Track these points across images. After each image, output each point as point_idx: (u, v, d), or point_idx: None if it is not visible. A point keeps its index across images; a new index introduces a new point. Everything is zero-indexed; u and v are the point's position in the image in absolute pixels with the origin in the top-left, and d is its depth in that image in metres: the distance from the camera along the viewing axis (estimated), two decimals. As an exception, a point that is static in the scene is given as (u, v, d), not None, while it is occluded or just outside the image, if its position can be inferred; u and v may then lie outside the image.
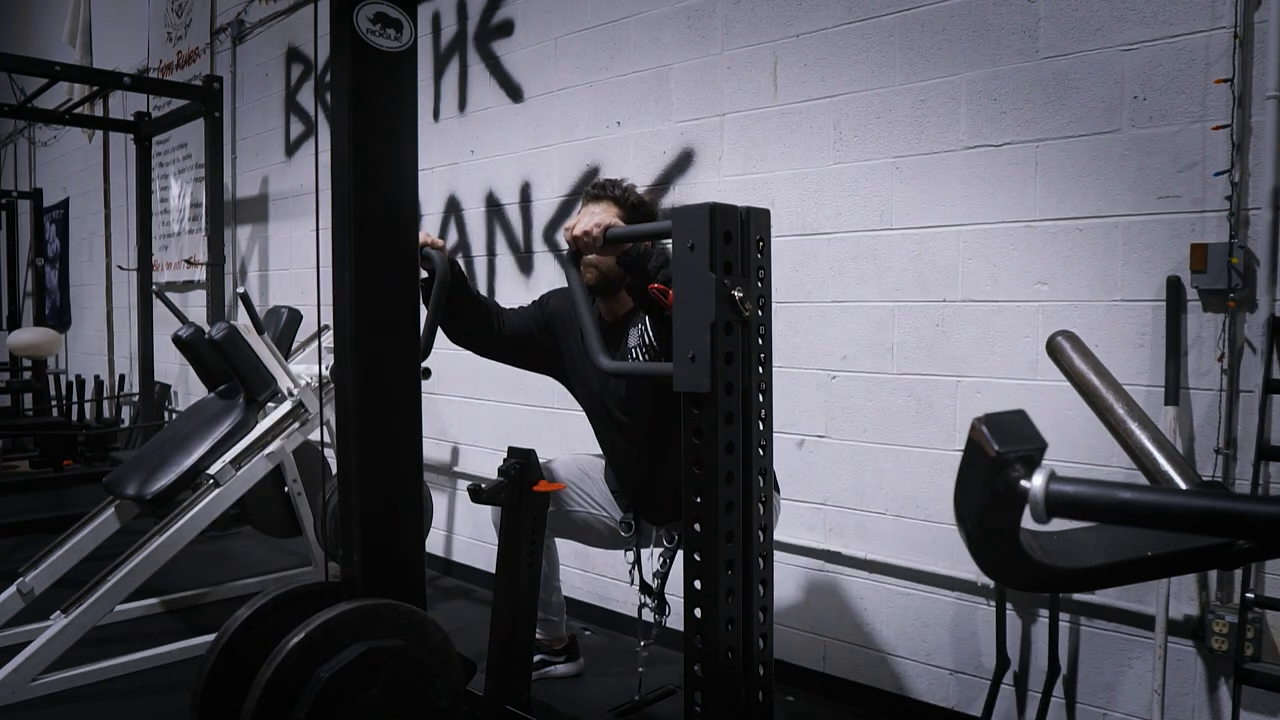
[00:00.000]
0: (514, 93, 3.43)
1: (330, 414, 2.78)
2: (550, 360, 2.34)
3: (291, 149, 4.68)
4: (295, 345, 3.46)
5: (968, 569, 2.32)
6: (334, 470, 1.92)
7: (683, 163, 2.88)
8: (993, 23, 2.24)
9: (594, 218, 1.85)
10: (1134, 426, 1.12)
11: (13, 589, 2.74)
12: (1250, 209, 1.94)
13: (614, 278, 2.14)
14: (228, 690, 1.33)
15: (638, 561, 2.26)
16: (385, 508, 1.67)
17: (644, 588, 2.23)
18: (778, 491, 2.11)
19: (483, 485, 2.02)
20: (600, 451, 2.38)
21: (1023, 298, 2.22)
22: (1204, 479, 1.17)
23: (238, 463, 2.84)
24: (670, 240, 1.50)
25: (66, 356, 7.49)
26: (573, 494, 2.34)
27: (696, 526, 1.49)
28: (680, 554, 2.13)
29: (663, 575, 2.19)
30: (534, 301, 2.41)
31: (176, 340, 3.16)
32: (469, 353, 2.35)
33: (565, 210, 3.24)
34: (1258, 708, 1.96)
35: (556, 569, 2.55)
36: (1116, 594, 2.13)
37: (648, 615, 2.20)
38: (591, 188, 2.23)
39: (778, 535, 1.76)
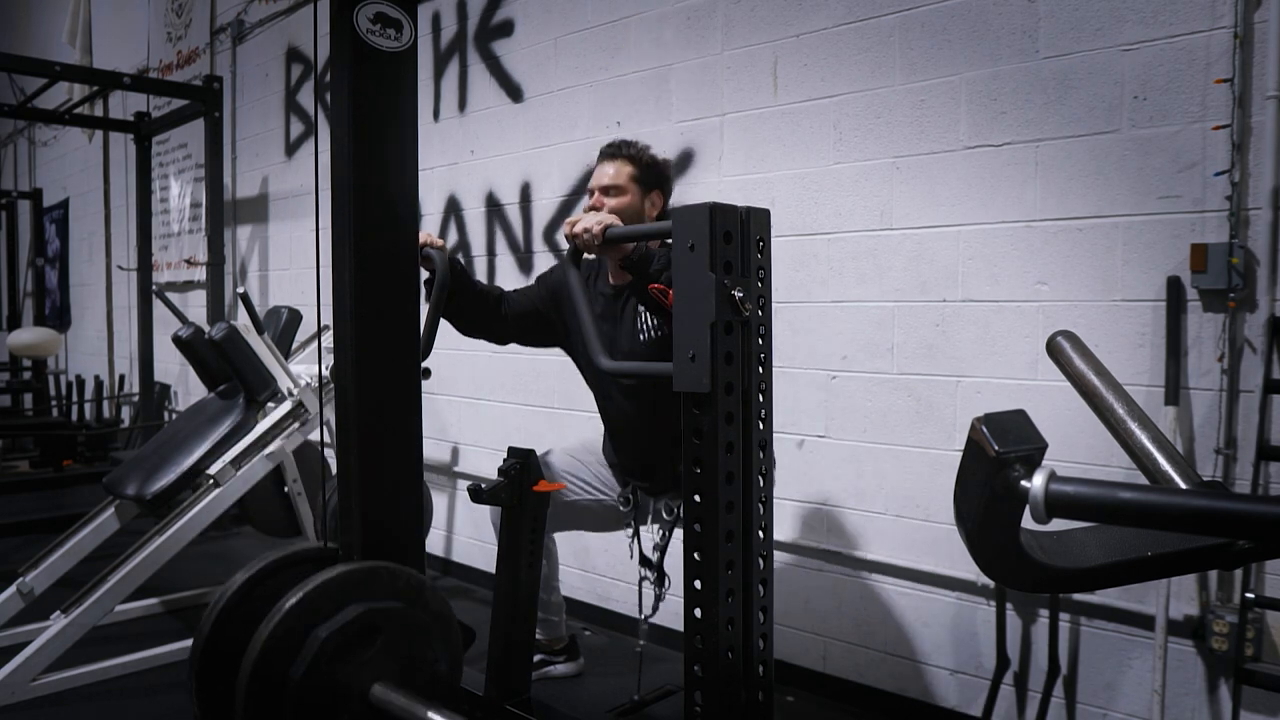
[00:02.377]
0: (514, 93, 3.43)
1: (330, 414, 2.78)
2: (556, 332, 2.36)
3: (291, 149, 4.68)
4: (295, 345, 3.46)
5: (968, 569, 2.32)
6: (334, 470, 1.92)
7: (683, 163, 2.88)
8: (993, 23, 2.24)
9: (594, 216, 1.85)
10: (1134, 426, 1.12)
11: (13, 589, 2.74)
12: (1250, 209, 1.94)
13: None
14: (226, 653, 1.31)
15: (636, 535, 2.26)
16: (385, 508, 1.67)
17: (643, 561, 2.24)
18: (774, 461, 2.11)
19: (483, 485, 2.02)
20: (593, 439, 2.39)
21: (1023, 298, 2.22)
22: (1204, 479, 1.17)
23: (238, 463, 2.84)
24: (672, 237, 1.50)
25: (66, 356, 7.49)
26: (570, 482, 2.35)
27: (696, 527, 1.49)
28: (679, 529, 2.15)
29: (662, 548, 2.20)
30: (538, 278, 2.44)
31: (176, 340, 3.16)
32: (469, 353, 2.35)
33: (565, 210, 3.24)
34: (1258, 708, 1.96)
35: (556, 569, 2.55)
36: (1116, 594, 2.13)
37: (648, 589, 2.21)
38: (606, 147, 2.25)
39: (778, 535, 1.76)
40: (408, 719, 1.24)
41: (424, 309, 1.91)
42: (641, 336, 2.16)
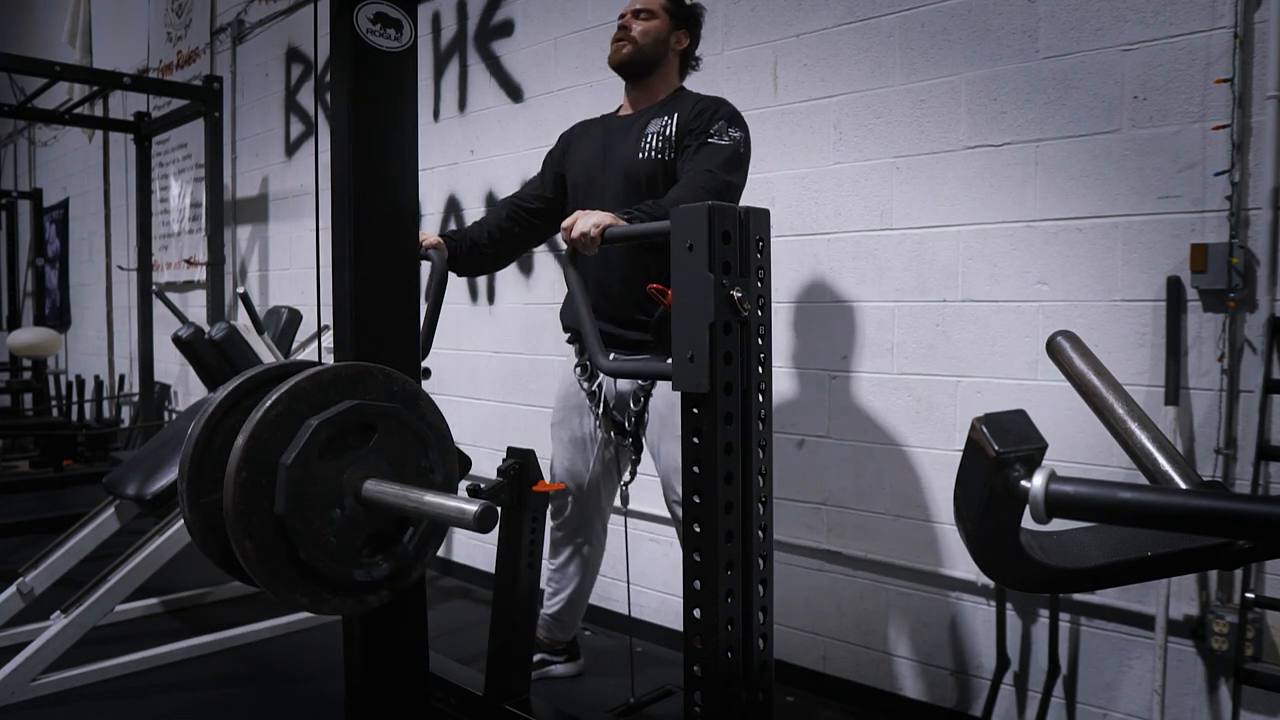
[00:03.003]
0: (514, 93, 3.43)
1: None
2: (565, 187, 2.39)
3: (291, 149, 4.68)
4: (295, 345, 3.46)
5: (968, 569, 2.32)
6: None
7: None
8: (993, 23, 2.24)
9: (590, 219, 1.84)
10: (1134, 426, 1.12)
11: (13, 589, 2.74)
12: (1250, 209, 1.94)
13: (651, 55, 2.25)
14: (218, 461, 1.29)
15: (601, 405, 2.28)
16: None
17: (615, 426, 2.27)
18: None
19: (482, 485, 2.02)
20: (556, 397, 2.45)
21: (1023, 298, 2.22)
22: (1204, 479, 1.17)
23: (238, 463, 2.84)
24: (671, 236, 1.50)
25: (66, 356, 7.49)
26: (570, 463, 2.40)
27: (696, 527, 1.49)
28: (653, 391, 2.20)
29: (637, 414, 2.23)
30: (547, 154, 2.46)
31: (176, 340, 3.15)
32: (469, 353, 2.37)
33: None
34: (1258, 708, 1.96)
35: (596, 573, 2.57)
36: (1116, 594, 2.13)
37: (625, 457, 2.30)
38: None
39: (778, 535, 1.76)
40: (401, 502, 1.22)
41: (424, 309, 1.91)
42: (640, 155, 2.18)
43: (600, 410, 2.28)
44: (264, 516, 1.20)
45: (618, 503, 2.34)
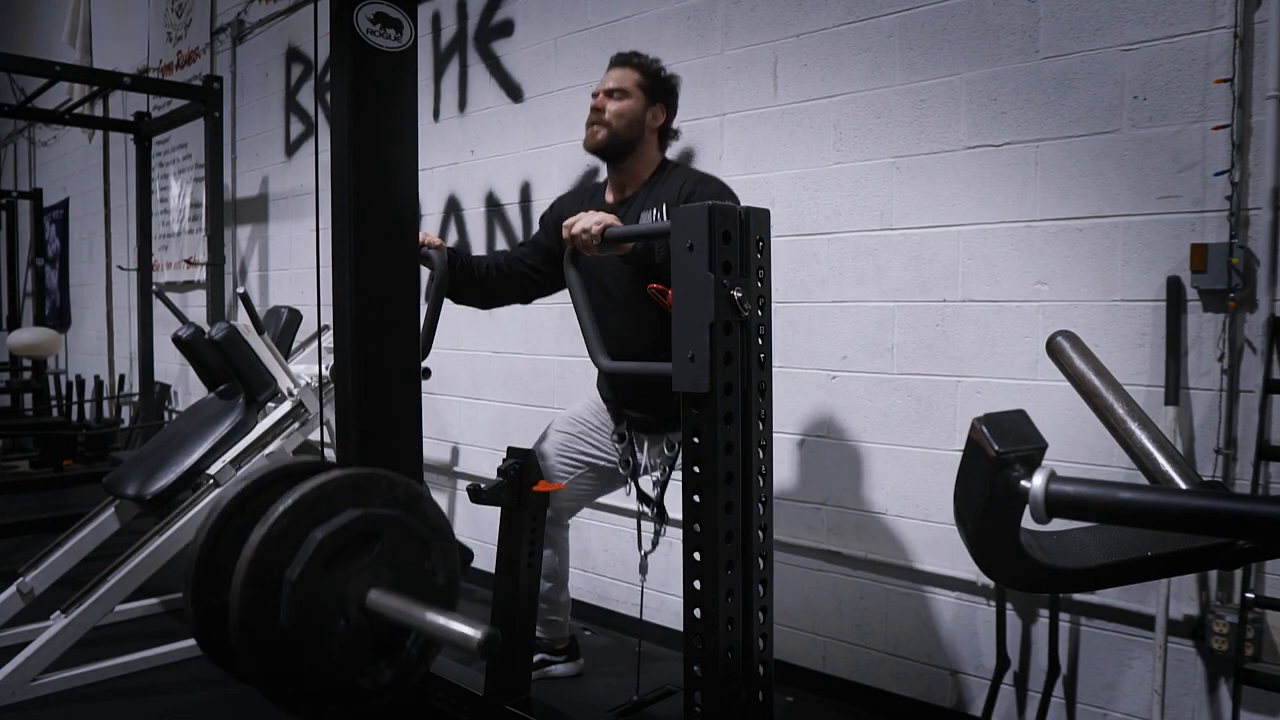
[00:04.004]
0: (514, 93, 3.43)
1: (330, 414, 2.78)
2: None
3: (291, 149, 4.68)
4: (295, 345, 3.45)
5: (968, 569, 2.32)
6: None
7: (683, 162, 2.88)
8: (993, 23, 2.24)
9: (592, 216, 1.84)
10: (1134, 426, 1.12)
11: (13, 589, 2.73)
12: (1250, 209, 1.94)
13: (626, 138, 2.16)
14: (222, 565, 1.30)
15: (633, 474, 2.24)
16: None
17: (642, 497, 2.22)
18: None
19: (482, 485, 2.02)
20: (580, 407, 2.41)
21: (1023, 298, 2.22)
22: (1204, 479, 1.17)
23: (238, 463, 2.84)
24: (671, 237, 1.50)
25: (66, 356, 7.49)
26: (567, 462, 2.35)
27: (696, 527, 1.49)
28: (679, 469, 2.15)
29: (662, 484, 2.18)
30: (541, 218, 2.43)
31: (176, 340, 3.16)
32: (469, 353, 2.37)
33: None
34: (1258, 708, 1.96)
35: (568, 563, 2.54)
36: (1116, 594, 2.13)
37: (647, 526, 2.21)
38: (617, 55, 2.23)
39: (777, 535, 1.76)
40: (406, 619, 1.23)
41: (424, 309, 1.91)
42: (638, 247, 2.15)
43: (632, 479, 2.24)
44: (269, 630, 1.20)
45: (631, 609, 2.29)
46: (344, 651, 1.26)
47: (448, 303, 2.17)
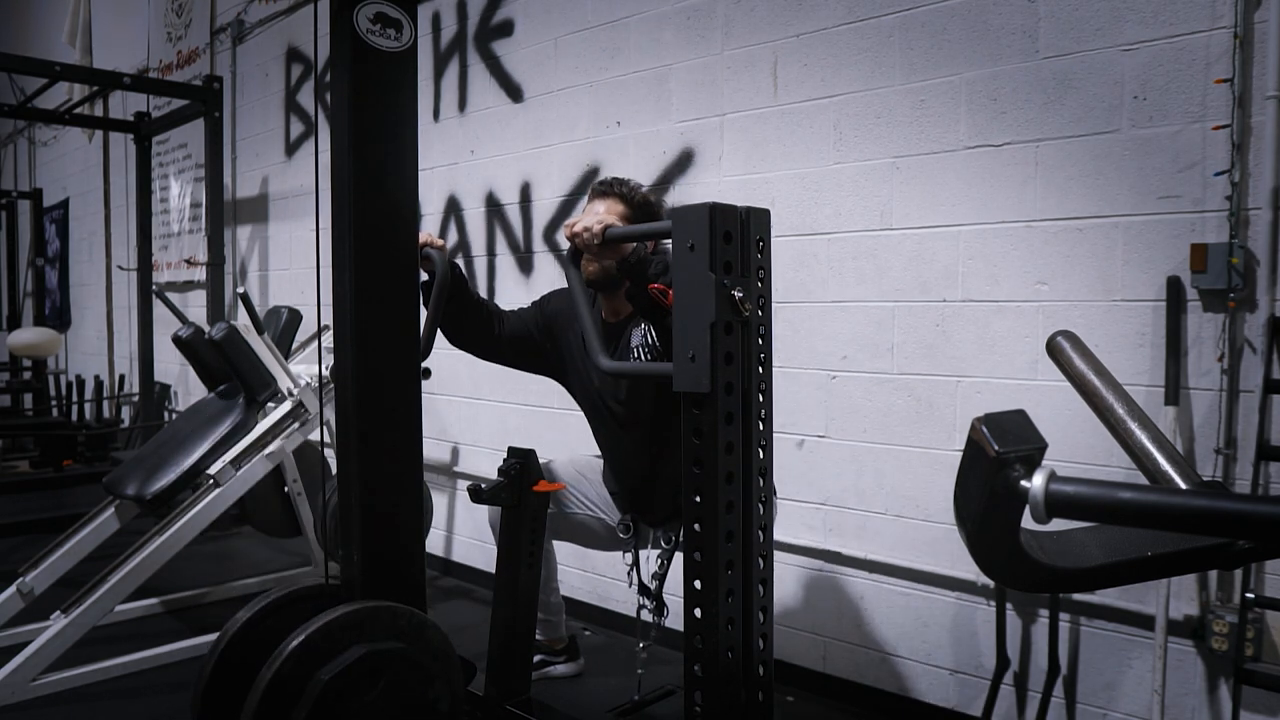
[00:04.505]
0: (514, 93, 3.43)
1: (330, 414, 2.78)
2: (549, 362, 2.33)
3: (291, 149, 4.68)
4: (295, 345, 3.46)
5: (968, 569, 2.32)
6: (334, 470, 1.92)
7: (683, 163, 2.88)
8: (993, 23, 2.24)
9: (595, 215, 1.84)
10: (1134, 426, 1.12)
11: (13, 589, 2.74)
12: (1250, 209, 1.93)
13: (616, 274, 2.11)
14: (228, 692, 1.32)
15: (636, 564, 2.25)
16: (385, 508, 1.67)
17: (642, 589, 2.23)
18: (774, 494, 2.11)
19: (483, 485, 2.02)
20: (599, 453, 2.38)
21: (1023, 298, 2.22)
22: (1204, 479, 1.17)
23: (238, 463, 2.84)
24: (670, 242, 1.50)
25: (66, 356, 7.49)
26: (571, 495, 2.34)
27: (696, 526, 1.49)
28: (679, 555, 2.13)
29: (661, 576, 2.19)
30: (534, 303, 2.40)
31: (176, 340, 3.16)
32: (469, 353, 2.35)
33: (565, 210, 3.24)
34: (1258, 708, 1.96)
35: (555, 571, 2.55)
36: (1116, 594, 2.13)
37: (646, 616, 2.20)
38: (598, 184, 2.21)
39: (778, 535, 1.76)
40: None
41: (424, 309, 1.91)
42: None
43: (634, 569, 2.24)
44: None
45: (631, 609, 2.28)
46: None
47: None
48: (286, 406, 3.00)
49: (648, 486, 2.20)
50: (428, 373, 1.80)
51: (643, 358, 2.12)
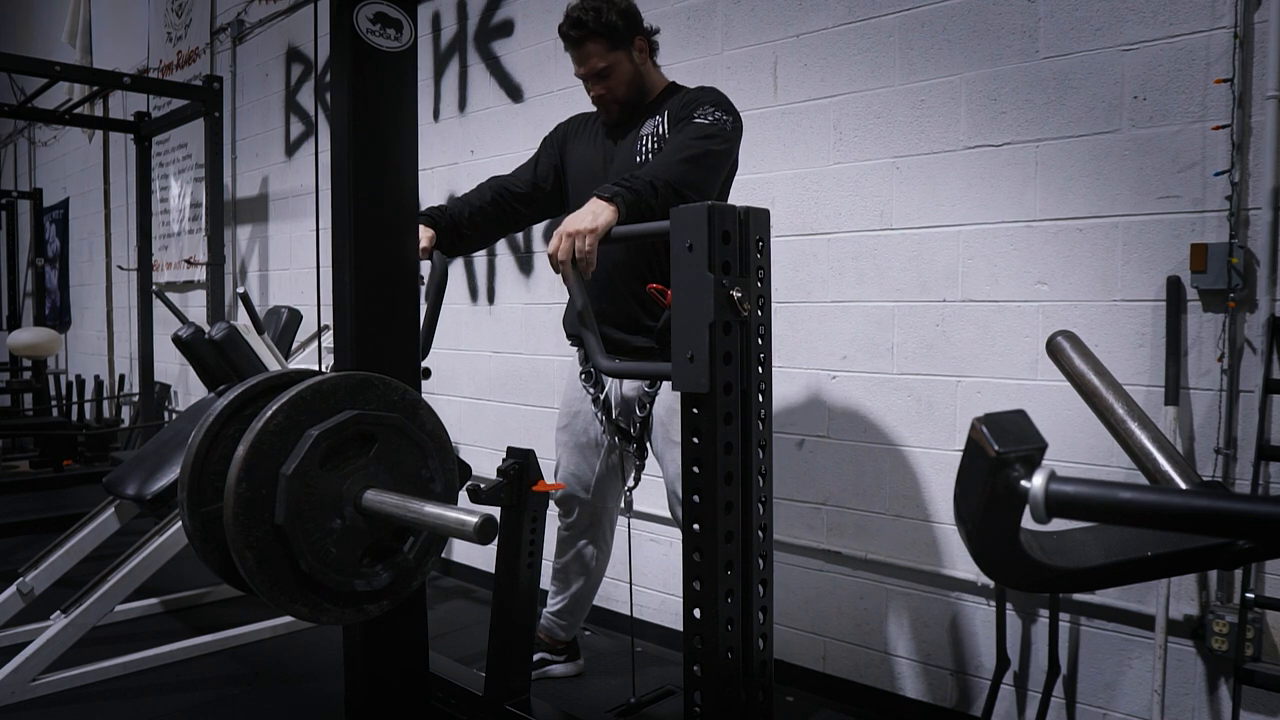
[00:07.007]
0: (514, 93, 3.43)
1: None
2: (562, 180, 2.39)
3: (291, 149, 4.68)
4: (295, 345, 3.45)
5: (968, 569, 2.32)
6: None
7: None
8: (993, 23, 2.24)
9: (577, 240, 1.79)
10: (1134, 426, 1.12)
11: (13, 589, 2.74)
12: (1250, 209, 1.94)
13: (635, 94, 2.27)
14: (218, 470, 1.29)
15: (606, 410, 2.28)
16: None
17: (620, 432, 2.27)
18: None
19: (482, 485, 2.02)
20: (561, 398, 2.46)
21: (1023, 298, 2.22)
22: (1204, 479, 1.17)
23: (238, 463, 2.84)
24: (670, 236, 1.50)
25: (66, 356, 7.49)
26: (575, 467, 2.40)
27: (695, 527, 1.49)
28: (660, 392, 2.20)
29: (642, 419, 2.24)
30: (545, 137, 2.48)
31: (176, 340, 3.15)
32: (469, 353, 2.36)
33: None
34: (1258, 708, 1.96)
35: (602, 575, 2.59)
36: (1116, 594, 2.13)
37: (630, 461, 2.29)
38: (570, 30, 2.24)
39: (777, 535, 1.76)
40: (401, 513, 1.22)
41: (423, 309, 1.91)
42: (638, 159, 2.18)
43: (605, 416, 2.28)
44: (264, 527, 1.20)
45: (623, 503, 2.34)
46: (340, 551, 1.26)
47: (447, 303, 2.17)
48: (286, 406, 2.99)
49: (638, 304, 2.18)
50: (428, 373, 1.80)
51: (650, 146, 2.18)
